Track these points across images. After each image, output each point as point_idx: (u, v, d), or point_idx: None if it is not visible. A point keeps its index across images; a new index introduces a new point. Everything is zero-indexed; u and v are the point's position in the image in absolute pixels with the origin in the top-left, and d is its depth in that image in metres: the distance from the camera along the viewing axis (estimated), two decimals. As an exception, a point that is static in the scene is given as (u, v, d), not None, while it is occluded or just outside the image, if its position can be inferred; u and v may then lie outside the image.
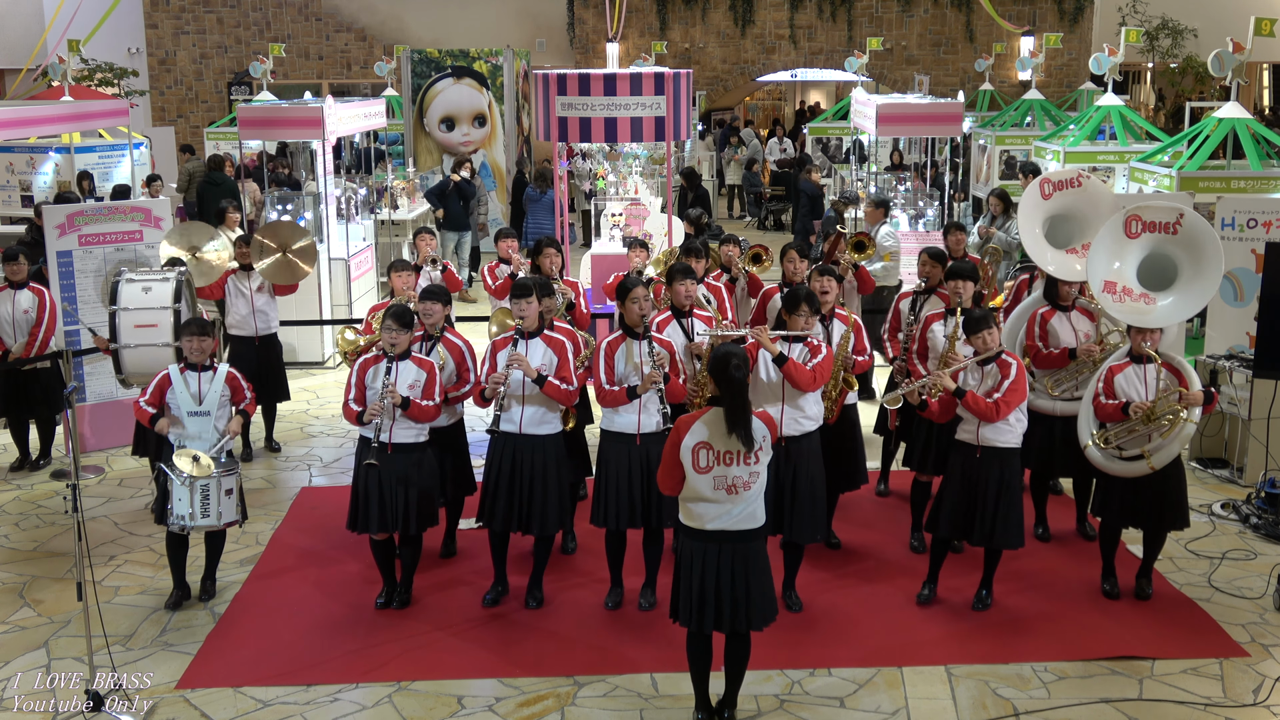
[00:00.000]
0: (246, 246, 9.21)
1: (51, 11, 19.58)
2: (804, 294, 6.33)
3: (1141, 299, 6.66)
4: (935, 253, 7.83)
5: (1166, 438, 6.40)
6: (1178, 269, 6.75)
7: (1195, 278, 6.70)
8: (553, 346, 6.44)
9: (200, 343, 6.67)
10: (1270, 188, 9.84)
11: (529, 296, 6.39)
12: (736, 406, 5.07)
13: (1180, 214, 6.74)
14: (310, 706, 5.76)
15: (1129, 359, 6.59)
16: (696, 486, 5.16)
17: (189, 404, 6.61)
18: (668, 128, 10.18)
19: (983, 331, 6.33)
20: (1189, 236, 6.73)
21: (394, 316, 6.38)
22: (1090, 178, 7.66)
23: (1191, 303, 6.71)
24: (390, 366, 6.38)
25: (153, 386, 6.67)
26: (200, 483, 6.40)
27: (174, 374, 6.67)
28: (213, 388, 6.67)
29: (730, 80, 23.77)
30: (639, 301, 6.34)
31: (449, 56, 18.36)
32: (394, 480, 6.42)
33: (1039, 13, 22.91)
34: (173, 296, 8.06)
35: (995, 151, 16.34)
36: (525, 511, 6.45)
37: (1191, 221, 6.72)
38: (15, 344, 8.70)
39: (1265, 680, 5.90)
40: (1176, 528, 6.70)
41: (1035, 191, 7.66)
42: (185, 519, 6.43)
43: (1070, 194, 7.58)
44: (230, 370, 6.80)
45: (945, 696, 5.79)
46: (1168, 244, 6.77)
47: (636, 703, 5.75)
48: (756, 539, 5.26)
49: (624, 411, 6.36)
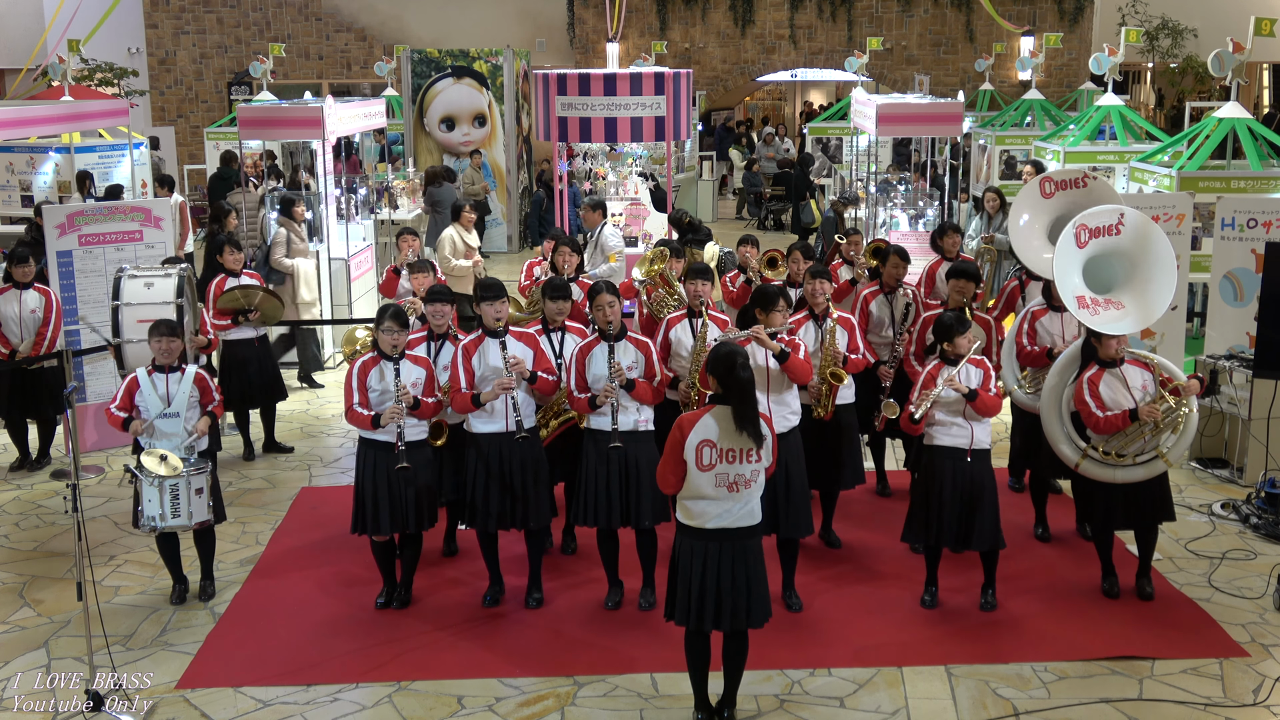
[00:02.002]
0: (239, 251, 9.19)
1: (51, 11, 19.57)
2: (775, 290, 6.36)
3: (1110, 305, 6.63)
4: (904, 253, 7.91)
5: (1178, 433, 6.46)
6: (1133, 266, 6.74)
7: (1153, 268, 6.68)
8: (525, 341, 6.50)
9: (169, 344, 6.65)
10: (1270, 188, 9.84)
11: (503, 298, 6.43)
12: (746, 405, 5.08)
13: (1120, 213, 6.75)
14: (310, 706, 5.76)
15: (1100, 366, 6.57)
16: (697, 484, 5.16)
17: (158, 406, 6.60)
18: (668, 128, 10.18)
19: (955, 337, 6.35)
20: (1132, 232, 6.72)
21: (393, 317, 6.38)
22: (1096, 178, 7.65)
23: (1160, 294, 6.67)
24: (398, 368, 6.37)
25: (121, 391, 6.66)
26: (169, 483, 6.37)
27: (142, 376, 6.65)
28: (181, 389, 6.65)
29: (730, 80, 23.77)
30: (603, 308, 6.36)
31: (449, 56, 18.37)
32: (400, 480, 6.43)
33: (1039, 13, 22.91)
34: (175, 291, 8.09)
35: (995, 151, 16.34)
36: (517, 507, 6.46)
37: (1131, 218, 6.73)
38: (23, 344, 8.72)
39: (1265, 680, 5.90)
40: (1163, 520, 6.71)
41: (1035, 190, 7.64)
42: (155, 520, 6.40)
43: (1075, 194, 7.57)
44: (198, 371, 6.78)
45: (945, 696, 5.79)
46: (1116, 245, 6.75)
47: (636, 703, 5.75)
48: (754, 536, 5.28)
49: (602, 410, 6.38)
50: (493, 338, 6.40)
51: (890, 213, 12.81)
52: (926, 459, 6.52)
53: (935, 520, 6.44)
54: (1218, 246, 9.18)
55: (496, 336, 6.40)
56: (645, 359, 6.40)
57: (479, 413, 6.42)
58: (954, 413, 6.36)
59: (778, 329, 6.29)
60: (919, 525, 6.55)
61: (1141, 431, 6.45)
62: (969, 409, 6.33)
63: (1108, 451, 6.55)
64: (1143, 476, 6.53)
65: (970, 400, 6.27)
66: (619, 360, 6.31)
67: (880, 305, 7.90)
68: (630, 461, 6.36)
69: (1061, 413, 6.78)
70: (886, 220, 12.66)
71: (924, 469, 6.53)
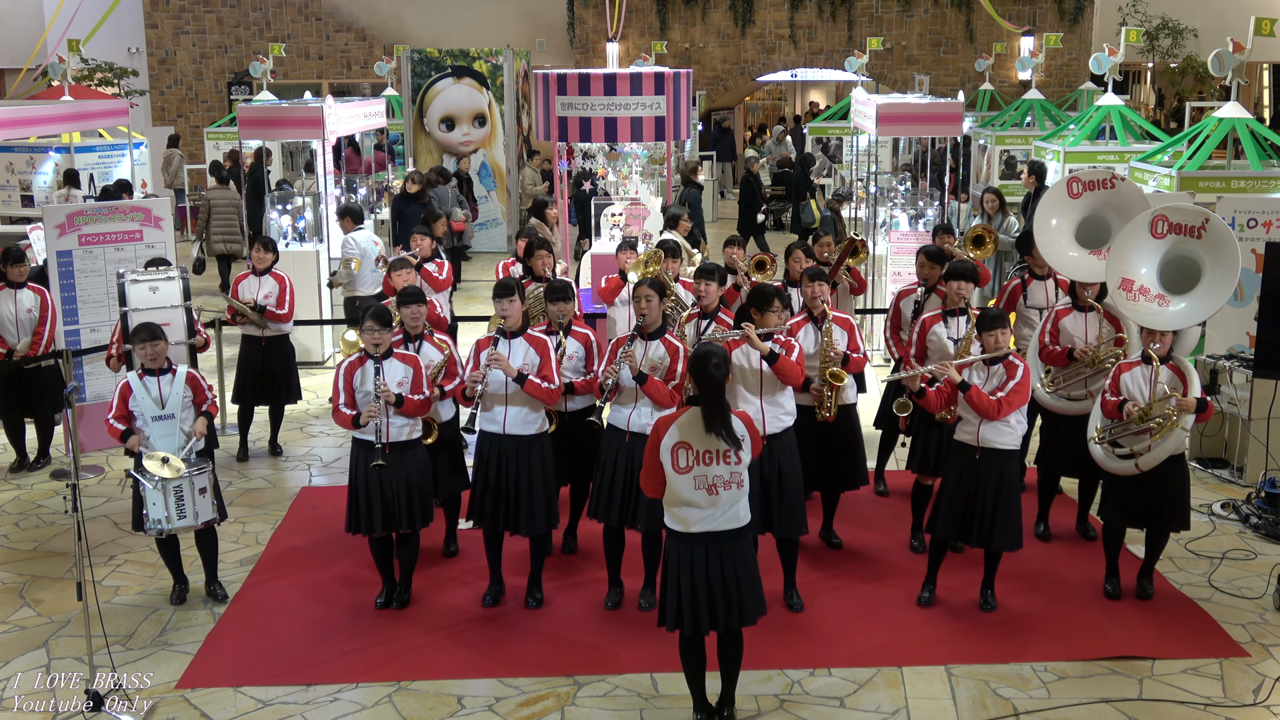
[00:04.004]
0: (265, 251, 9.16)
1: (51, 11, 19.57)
2: (772, 291, 6.36)
3: (1157, 300, 6.63)
4: (933, 252, 7.84)
5: (1155, 440, 6.42)
6: (1200, 273, 6.71)
7: (1214, 283, 6.66)
8: (535, 346, 6.45)
9: (154, 348, 6.63)
10: (1270, 188, 9.84)
11: (510, 296, 6.42)
12: (713, 406, 5.06)
13: (1206, 218, 6.72)
14: (310, 706, 5.76)
15: (1139, 359, 6.60)
16: (677, 488, 5.15)
17: (152, 409, 6.59)
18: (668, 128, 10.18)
19: (996, 330, 6.35)
20: (1213, 241, 6.69)
21: (374, 317, 6.37)
22: (1124, 179, 7.65)
23: (1204, 308, 6.67)
24: (379, 367, 6.37)
25: (115, 399, 6.63)
26: (173, 484, 6.36)
27: (133, 381, 6.63)
28: (174, 390, 6.64)
29: (730, 80, 23.77)
30: (640, 300, 6.37)
31: (449, 56, 18.37)
32: (392, 479, 6.42)
33: (1039, 13, 22.92)
34: (181, 295, 8.13)
35: (995, 151, 16.34)
36: (513, 512, 6.46)
37: (1216, 226, 6.70)
38: (20, 343, 8.72)
39: (1265, 680, 5.90)
40: (1176, 529, 6.70)
41: (1063, 190, 7.64)
42: (162, 522, 6.40)
43: (1102, 195, 7.57)
44: (190, 371, 6.78)
45: (945, 696, 5.79)
46: (1191, 247, 6.75)
47: (636, 703, 5.75)
48: (741, 538, 5.26)
49: (619, 407, 6.38)
50: (640, 339, 6.39)
51: (890, 213, 12.81)
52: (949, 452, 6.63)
53: (943, 514, 6.49)
54: (1218, 246, 9.17)
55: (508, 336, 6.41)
56: (671, 361, 6.36)
57: (482, 413, 6.41)
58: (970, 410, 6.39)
59: (772, 330, 6.28)
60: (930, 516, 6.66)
61: (1133, 426, 6.46)
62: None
63: (1101, 438, 6.62)
64: (1118, 470, 6.58)
65: (963, 392, 6.27)
66: (502, 354, 6.29)
67: (908, 305, 7.89)
68: (636, 462, 6.32)
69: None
70: (887, 220, 12.66)
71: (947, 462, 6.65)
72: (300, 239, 12.25)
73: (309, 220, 12.58)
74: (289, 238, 12.23)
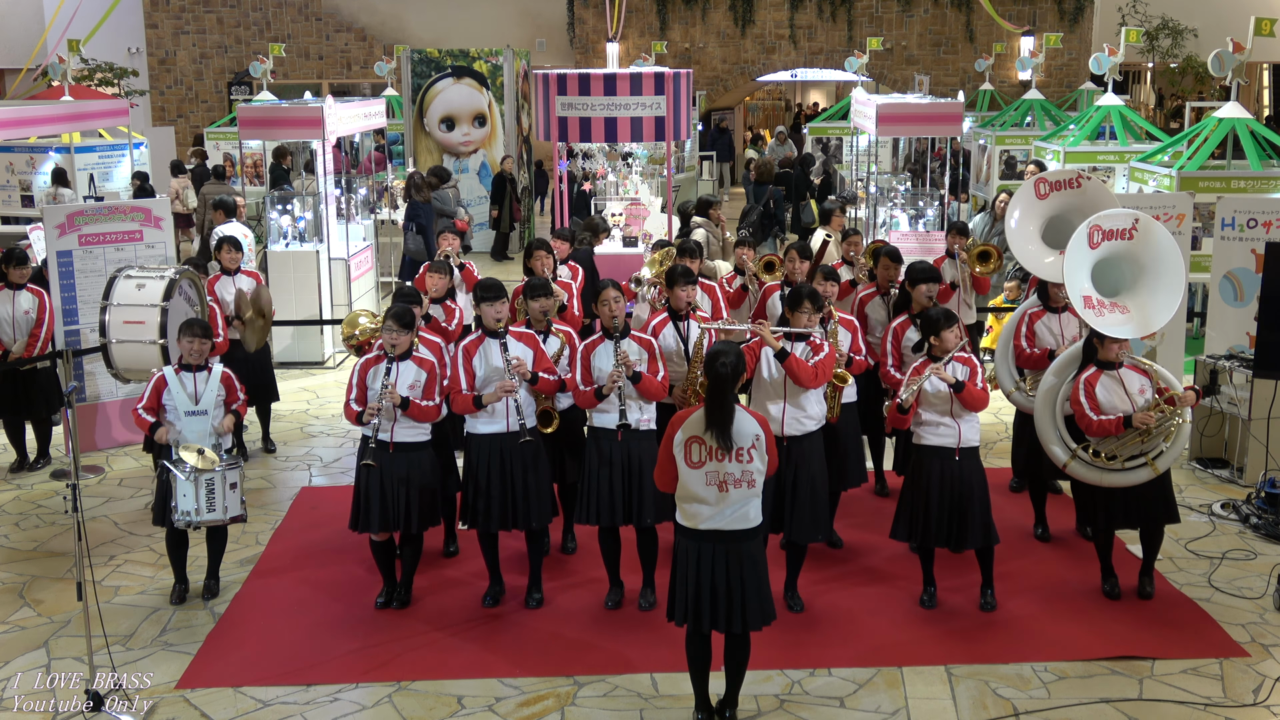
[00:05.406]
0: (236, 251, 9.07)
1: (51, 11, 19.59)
2: (806, 291, 6.33)
3: (1116, 309, 6.62)
4: (893, 252, 7.92)
5: (1169, 442, 6.44)
6: (1142, 272, 6.71)
7: (1162, 276, 6.66)
8: (525, 341, 6.48)
9: (200, 344, 6.68)
10: (1270, 188, 9.84)
11: (502, 299, 6.40)
12: (714, 402, 5.08)
13: (1135, 218, 6.73)
14: (310, 706, 5.76)
15: (1099, 367, 6.56)
16: (689, 483, 5.16)
17: (186, 404, 6.62)
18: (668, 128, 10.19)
19: (942, 331, 6.34)
20: (1145, 238, 6.70)
21: (394, 317, 6.39)
22: (1090, 179, 7.63)
23: (1168, 301, 6.65)
24: (390, 367, 6.38)
25: (149, 391, 6.66)
26: (205, 476, 6.41)
27: (169, 375, 6.67)
28: (209, 387, 6.69)
29: (730, 80, 23.77)
30: (608, 303, 6.38)
31: (449, 56, 18.37)
32: (395, 480, 6.42)
33: (1039, 13, 22.92)
34: (163, 295, 8.09)
35: (995, 151, 16.34)
36: (517, 507, 6.46)
37: (1146, 224, 6.71)
38: (16, 344, 8.72)
39: (1265, 680, 5.90)
40: (1167, 522, 6.71)
41: (1030, 191, 7.63)
42: (191, 514, 6.42)
43: (1069, 195, 7.55)
44: (225, 370, 6.82)
45: (945, 696, 5.79)
46: (1128, 249, 6.73)
47: (636, 703, 5.75)
48: (750, 540, 5.25)
49: (606, 408, 6.38)
50: (493, 338, 6.40)
51: (890, 213, 12.81)
52: (915, 458, 6.52)
53: (922, 520, 6.44)
54: (1218, 246, 9.18)
55: (497, 337, 6.40)
56: (649, 356, 6.40)
57: (480, 413, 6.42)
58: (941, 412, 6.35)
59: (805, 330, 6.27)
60: (905, 523, 6.55)
61: (1135, 436, 6.45)
62: (956, 406, 6.32)
63: (1098, 453, 6.55)
64: (1128, 483, 6.53)
65: (957, 392, 6.26)
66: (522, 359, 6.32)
67: (875, 307, 7.91)
68: (633, 459, 6.35)
69: (1055, 413, 6.78)
70: (887, 220, 12.66)
71: (912, 468, 6.54)
72: (300, 239, 12.24)
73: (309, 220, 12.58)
74: (289, 238, 12.22)
